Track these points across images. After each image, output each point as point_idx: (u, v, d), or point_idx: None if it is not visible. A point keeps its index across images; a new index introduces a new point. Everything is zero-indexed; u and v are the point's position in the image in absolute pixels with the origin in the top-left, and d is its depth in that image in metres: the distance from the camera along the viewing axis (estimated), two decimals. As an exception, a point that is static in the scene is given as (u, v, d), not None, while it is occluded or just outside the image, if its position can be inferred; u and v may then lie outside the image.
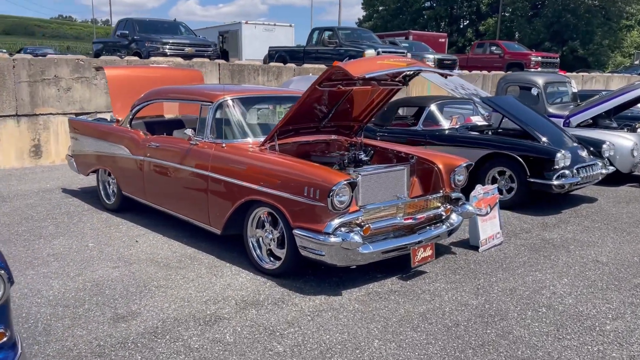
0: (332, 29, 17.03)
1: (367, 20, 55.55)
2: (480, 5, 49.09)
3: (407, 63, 4.41)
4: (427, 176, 5.03)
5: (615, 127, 9.18)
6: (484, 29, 48.43)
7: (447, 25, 52.91)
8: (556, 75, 10.34)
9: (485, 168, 7.06)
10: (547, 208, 7.00)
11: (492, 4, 48.05)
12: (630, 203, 7.44)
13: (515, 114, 7.32)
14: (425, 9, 50.98)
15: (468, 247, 5.32)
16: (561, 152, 6.53)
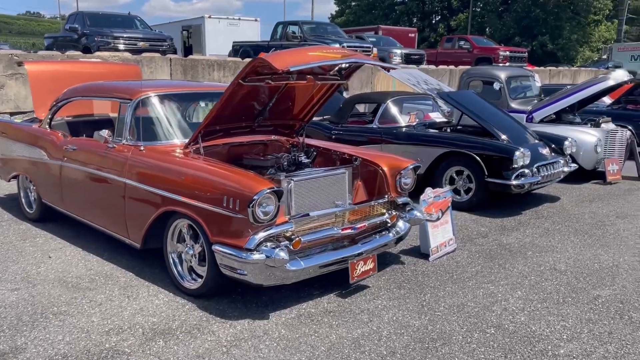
0: (297, 23, 16.50)
1: (339, 15, 55.13)
2: (452, 1, 49.00)
3: (342, 55, 3.92)
4: (371, 180, 4.57)
5: (579, 122, 8.88)
6: (455, 24, 48.37)
7: (419, 21, 52.73)
8: (519, 70, 10.02)
9: (443, 167, 6.65)
10: (508, 209, 6.62)
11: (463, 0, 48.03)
12: (594, 202, 7.12)
13: (474, 110, 6.92)
14: (397, 5, 50.70)
15: (419, 255, 4.88)
16: (520, 150, 6.14)
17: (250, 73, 3.82)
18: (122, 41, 12.11)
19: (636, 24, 56.77)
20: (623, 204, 7.01)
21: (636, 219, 6.25)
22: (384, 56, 17.97)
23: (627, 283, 4.29)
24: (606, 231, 5.75)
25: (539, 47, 44.40)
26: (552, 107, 8.64)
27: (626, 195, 7.53)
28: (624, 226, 5.94)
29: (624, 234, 5.63)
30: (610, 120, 8.81)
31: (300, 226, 3.82)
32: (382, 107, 7.41)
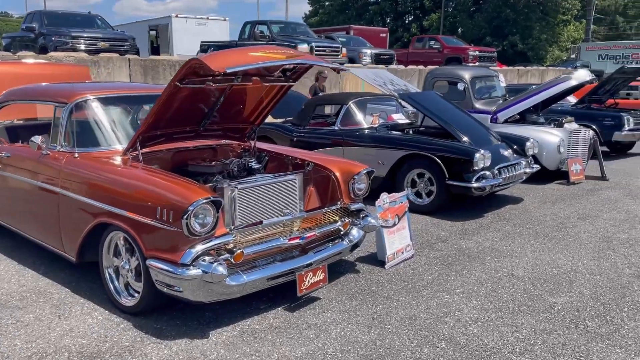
0: (265, 22, 16.23)
1: (313, 15, 54.97)
2: (424, 1, 49.25)
3: (287, 55, 3.71)
4: (324, 186, 4.37)
5: (542, 122, 8.85)
6: (428, 25, 48.62)
7: (393, 21, 52.91)
8: (484, 70, 9.96)
9: (404, 170, 6.50)
10: (470, 211, 6.51)
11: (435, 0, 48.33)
12: (556, 203, 7.06)
13: (435, 112, 6.79)
14: (371, 5, 50.75)
15: (376, 262, 4.71)
16: (480, 152, 6.02)
17: (188, 74, 3.58)
18: (80, 41, 11.67)
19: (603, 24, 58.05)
20: (585, 204, 6.97)
21: (597, 220, 6.20)
22: (353, 56, 17.84)
23: (584, 289, 4.18)
24: (566, 233, 5.67)
25: (510, 47, 44.91)
26: (516, 107, 8.59)
27: (589, 195, 7.50)
28: (585, 228, 5.87)
29: (583, 236, 5.55)
30: (573, 120, 8.80)
31: (245, 237, 3.60)
32: (343, 109, 7.23)
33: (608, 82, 11.22)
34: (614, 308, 3.84)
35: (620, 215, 6.39)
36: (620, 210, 6.67)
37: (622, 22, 59.34)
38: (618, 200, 7.21)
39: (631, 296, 4.05)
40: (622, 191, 7.75)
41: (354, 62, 17.33)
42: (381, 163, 6.64)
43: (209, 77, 3.70)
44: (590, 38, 43.38)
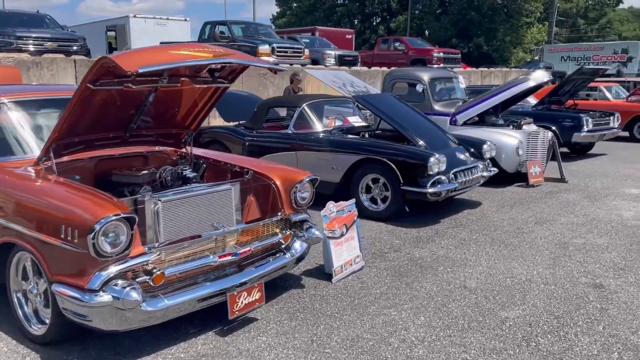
0: (225, 22, 15.81)
1: (280, 17, 54.65)
2: (391, 3, 49.45)
3: (215, 54, 3.37)
4: (265, 196, 4.05)
5: (501, 124, 8.72)
6: (395, 26, 48.82)
7: (360, 23, 52.98)
8: (443, 71, 9.80)
9: (358, 175, 6.23)
10: (427, 217, 6.28)
11: (402, 2, 48.58)
12: (514, 207, 6.89)
13: (390, 114, 6.54)
14: (338, 6, 50.65)
15: (323, 275, 4.41)
16: (435, 156, 5.79)
17: (101, 75, 3.21)
18: (26, 41, 11.06)
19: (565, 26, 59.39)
20: (543, 208, 6.82)
21: (554, 224, 6.04)
22: (317, 57, 17.57)
23: (538, 301, 3.97)
24: (523, 239, 5.48)
25: (475, 49, 45.43)
26: (475, 109, 8.43)
27: (547, 198, 7.37)
28: (542, 233, 5.70)
29: (540, 242, 5.37)
30: (532, 121, 8.70)
31: (169, 255, 3.25)
32: (297, 112, 6.91)
33: (567, 83, 11.22)
34: (568, 322, 3.63)
35: (578, 219, 6.26)
36: (577, 213, 6.54)
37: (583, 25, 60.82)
38: (576, 203, 7.10)
39: (586, 308, 3.85)
40: (580, 193, 7.66)
41: (317, 63, 17.06)
42: (335, 168, 6.35)
43: (127, 78, 3.34)
44: (552, 40, 44.19)
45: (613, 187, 8.11)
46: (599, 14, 60.77)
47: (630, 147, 12.70)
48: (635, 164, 10.18)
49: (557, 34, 55.96)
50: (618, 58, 36.06)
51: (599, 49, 37.78)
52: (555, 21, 45.42)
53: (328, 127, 6.95)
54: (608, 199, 7.33)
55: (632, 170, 9.53)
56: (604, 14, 60.57)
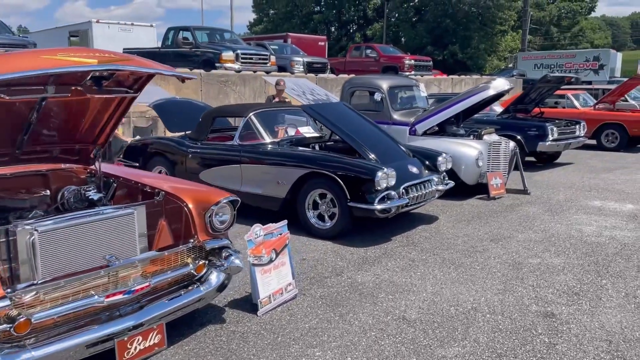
0: (188, 28, 15.30)
1: (257, 23, 54.31)
2: (367, 11, 49.43)
3: (100, 60, 2.90)
4: (178, 220, 3.59)
5: (462, 134, 8.39)
6: (371, 34, 48.81)
7: (337, 30, 52.88)
8: (403, 79, 9.46)
9: (305, 190, 5.80)
10: (378, 234, 5.87)
11: (378, 9, 48.61)
12: (472, 221, 6.53)
13: (340, 125, 6.12)
14: (315, 13, 50.43)
15: (250, 306, 3.95)
16: (383, 170, 5.39)
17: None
18: (-31, 46, 10.46)
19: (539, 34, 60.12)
20: (502, 223, 6.47)
21: (510, 241, 5.68)
22: (285, 64, 17.14)
23: (481, 335, 3.56)
24: (475, 260, 5.09)
25: (450, 56, 45.59)
26: (434, 118, 8.09)
27: (507, 212, 7.03)
28: (496, 252, 5.32)
29: (493, 263, 4.99)
30: (493, 131, 8.38)
31: (49, 294, 2.76)
32: (243, 122, 6.46)
33: (533, 91, 10.97)
34: (511, 361, 3.23)
35: (536, 235, 5.91)
36: (536, 229, 6.19)
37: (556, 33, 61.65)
38: (536, 217, 6.76)
39: (533, 343, 3.46)
40: (542, 206, 7.33)
41: (285, 70, 16.64)
42: (280, 183, 5.91)
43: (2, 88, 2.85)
44: (526, 48, 44.52)
45: (576, 199, 7.82)
46: (572, 22, 61.68)
47: (597, 155, 12.52)
48: (601, 174, 9.94)
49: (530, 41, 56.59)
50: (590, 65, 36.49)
51: (571, 56, 38.19)
52: (528, 29, 45.84)
53: (278, 138, 6.52)
54: (570, 212, 7.02)
55: (597, 180, 9.28)
56: (576, 22, 61.50)
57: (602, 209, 7.19)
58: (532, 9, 52.54)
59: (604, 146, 13.41)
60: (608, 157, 12.27)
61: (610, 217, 6.75)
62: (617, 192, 8.25)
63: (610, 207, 7.30)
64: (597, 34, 66.14)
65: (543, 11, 60.10)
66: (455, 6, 44.28)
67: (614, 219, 6.65)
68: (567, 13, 61.17)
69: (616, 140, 13.30)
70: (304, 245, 5.46)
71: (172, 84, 11.03)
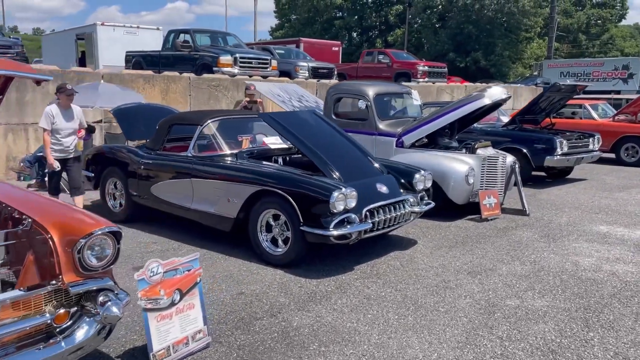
0: (188, 31, 14.81)
1: (279, 29, 54.06)
2: (389, 17, 48.59)
3: None
4: (44, 254, 2.91)
5: (455, 147, 7.56)
6: (392, 40, 47.95)
7: (359, 36, 52.22)
8: (394, 86, 8.67)
9: (256, 210, 5.08)
10: (342, 260, 5.12)
11: (400, 15, 47.74)
12: (454, 248, 5.71)
13: (301, 136, 5.39)
14: (336, 19, 49.81)
15: (148, 356, 3.25)
16: (340, 190, 4.63)
17: None
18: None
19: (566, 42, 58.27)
20: (488, 250, 5.63)
21: (491, 275, 4.85)
22: (289, 69, 16.52)
23: (415, 412, 2.78)
24: (443, 298, 4.29)
25: (473, 63, 44.39)
26: (422, 129, 7.28)
27: (497, 236, 6.18)
28: (469, 289, 4.51)
29: (461, 304, 4.18)
30: (489, 144, 7.52)
31: None
32: (197, 130, 5.79)
33: (542, 100, 10.04)
34: None
35: (523, 268, 5.06)
36: (526, 259, 5.34)
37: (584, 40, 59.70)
38: (529, 243, 5.90)
39: None
40: (539, 230, 6.46)
41: (289, 75, 16.01)
42: (231, 200, 5.22)
43: None
44: (552, 55, 43.05)
45: (580, 222, 6.90)
46: (601, 29, 59.63)
47: (615, 171, 11.47)
48: (614, 193, 8.95)
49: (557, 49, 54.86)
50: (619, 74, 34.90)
51: (599, 65, 36.61)
52: (555, 36, 44.32)
53: (241, 149, 5.83)
54: (570, 238, 6.13)
55: (609, 200, 8.31)
56: (606, 29, 59.45)
57: (607, 235, 6.27)
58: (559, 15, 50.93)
59: (623, 161, 12.33)
60: (626, 172, 11.21)
61: (615, 246, 5.84)
62: (628, 215, 7.30)
63: (617, 233, 6.37)
64: (627, 42, 63.75)
65: (571, 18, 58.28)
66: (478, 12, 43.10)
67: (620, 248, 5.74)
68: (596, 20, 59.20)
69: (637, 154, 12.21)
70: (250, 275, 4.75)
71: (157, 88, 10.49)
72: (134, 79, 10.15)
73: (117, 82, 9.76)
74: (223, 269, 4.88)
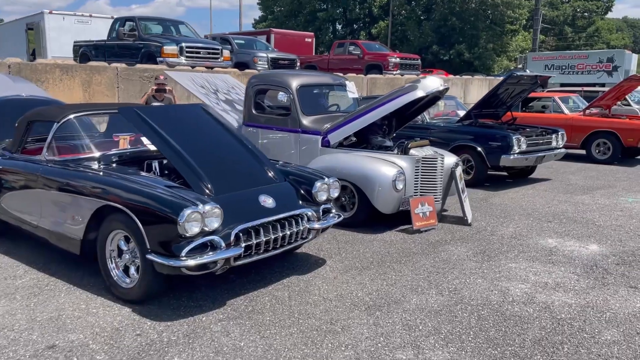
0: (133, 19, 13.64)
1: (262, 21, 52.82)
2: (372, 8, 47.39)
3: None
4: None
5: (389, 146, 6.52)
6: (376, 32, 46.81)
7: (343, 28, 51.02)
8: (324, 76, 7.58)
9: (104, 231, 4.01)
10: (218, 289, 4.07)
11: (384, 7, 46.57)
12: (365, 270, 4.68)
13: (168, 135, 4.30)
14: (320, 11, 48.52)
15: None
16: (194, 206, 3.57)
17: None
18: None
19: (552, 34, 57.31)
20: (405, 273, 4.60)
21: (394, 310, 3.82)
22: (248, 60, 15.43)
23: None
24: (313, 353, 3.26)
25: (457, 56, 43.35)
26: (348, 127, 6.22)
27: (424, 254, 5.15)
28: (356, 333, 3.48)
29: (339, 356, 3.15)
30: (427, 143, 6.47)
31: None
32: (53, 128, 4.70)
33: (501, 91, 9.00)
34: None
35: (437, 300, 4.03)
36: (445, 286, 4.32)
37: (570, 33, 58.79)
38: (458, 263, 4.88)
39: None
40: (475, 245, 5.44)
41: (247, 66, 14.91)
42: (76, 217, 4.15)
43: None
44: (537, 48, 42.07)
45: (527, 234, 5.89)
46: (587, 22, 58.75)
47: (583, 169, 10.48)
48: (576, 196, 7.95)
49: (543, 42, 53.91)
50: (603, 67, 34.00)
51: (583, 57, 35.61)
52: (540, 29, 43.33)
53: (116, 149, 4.75)
54: (508, 256, 5.12)
55: (567, 205, 7.31)
56: (592, 22, 58.57)
57: (554, 252, 5.26)
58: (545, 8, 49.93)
59: (594, 158, 11.34)
60: (596, 171, 10.22)
61: (559, 266, 4.84)
62: (585, 224, 6.30)
63: (567, 248, 5.37)
64: (614, 35, 62.89)
65: (557, 10, 57.34)
66: (462, 4, 42.00)
67: (564, 269, 4.74)
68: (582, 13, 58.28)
69: (608, 151, 11.22)
70: (82, 317, 3.69)
71: (78, 80, 9.37)
72: (50, 69, 9.02)
73: (27, 72, 8.63)
74: (54, 307, 3.82)
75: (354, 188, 5.90)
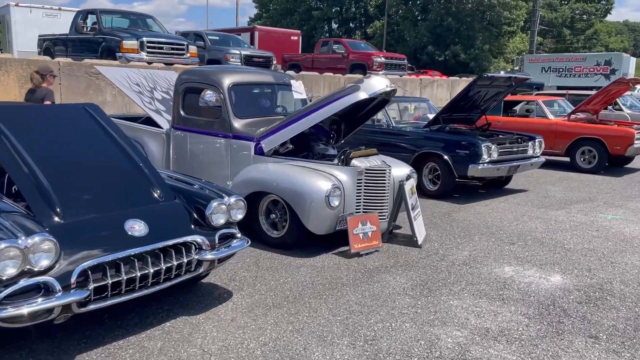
0: (94, 11, 12.80)
1: (257, 19, 52.02)
2: (368, 8, 46.51)
3: None
4: None
5: (333, 155, 5.67)
6: (372, 32, 45.94)
7: (339, 27, 50.18)
8: (265, 74, 6.70)
9: None
10: (69, 340, 3.23)
11: (380, 7, 45.69)
12: (275, 309, 3.83)
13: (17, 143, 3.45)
14: (315, 10, 47.64)
15: None
16: (13, 240, 2.72)
17: None
18: None
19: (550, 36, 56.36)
20: (320, 313, 3.75)
21: (280, 374, 2.97)
22: (220, 57, 14.60)
23: None
24: None
25: (452, 57, 42.46)
26: (281, 133, 5.36)
27: (354, 286, 4.29)
28: (218, 412, 2.63)
29: None
30: (375, 152, 5.61)
31: None
32: None
33: (472, 93, 8.14)
34: None
35: (345, 355, 3.18)
36: (363, 333, 3.47)
37: (569, 35, 57.82)
38: (390, 299, 4.03)
39: None
40: (418, 274, 4.58)
41: (219, 63, 14.10)
42: None
43: None
44: (534, 50, 41.18)
45: (483, 259, 5.04)
46: (586, 24, 57.79)
47: (566, 179, 9.62)
48: (551, 211, 7.09)
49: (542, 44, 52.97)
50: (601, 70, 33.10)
51: (581, 60, 34.73)
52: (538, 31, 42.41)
53: None
54: (453, 289, 4.26)
55: (538, 222, 6.45)
56: (590, 24, 57.62)
57: (508, 284, 4.40)
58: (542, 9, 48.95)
59: (579, 166, 10.47)
60: (578, 182, 9.36)
61: (510, 304, 3.98)
62: (552, 247, 5.44)
63: (524, 279, 4.51)
64: (612, 38, 61.93)
65: (555, 12, 56.33)
66: (459, 4, 41.09)
67: (514, 309, 3.88)
68: (581, 15, 57.30)
69: (594, 159, 10.35)
70: None
71: (13, 75, 8.53)
72: None
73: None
74: None
75: (285, 204, 5.05)
